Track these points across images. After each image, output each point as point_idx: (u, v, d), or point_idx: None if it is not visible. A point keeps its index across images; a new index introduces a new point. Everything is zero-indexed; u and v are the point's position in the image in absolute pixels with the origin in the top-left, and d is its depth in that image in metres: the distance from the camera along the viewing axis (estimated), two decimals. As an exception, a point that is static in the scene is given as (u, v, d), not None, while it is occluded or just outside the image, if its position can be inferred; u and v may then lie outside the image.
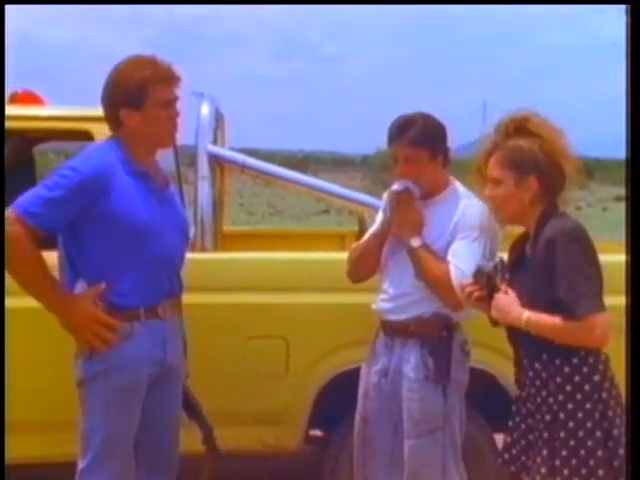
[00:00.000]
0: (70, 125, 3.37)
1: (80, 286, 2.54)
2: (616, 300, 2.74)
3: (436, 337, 2.76)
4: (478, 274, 2.44)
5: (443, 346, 2.75)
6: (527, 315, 2.29)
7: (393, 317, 2.82)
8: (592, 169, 39.51)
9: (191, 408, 2.89)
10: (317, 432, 3.50)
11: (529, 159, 2.35)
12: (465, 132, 2.71)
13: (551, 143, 2.37)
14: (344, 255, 3.01)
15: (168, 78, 2.62)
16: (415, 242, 2.72)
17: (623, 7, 2.84)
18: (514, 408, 2.47)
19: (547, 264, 2.27)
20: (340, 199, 4.03)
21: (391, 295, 2.83)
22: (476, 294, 2.45)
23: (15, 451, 2.87)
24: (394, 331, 2.83)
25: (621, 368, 2.42)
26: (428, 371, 2.74)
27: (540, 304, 2.30)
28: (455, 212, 2.75)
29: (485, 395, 3.08)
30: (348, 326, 3.18)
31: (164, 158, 3.86)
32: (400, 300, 2.80)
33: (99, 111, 3.38)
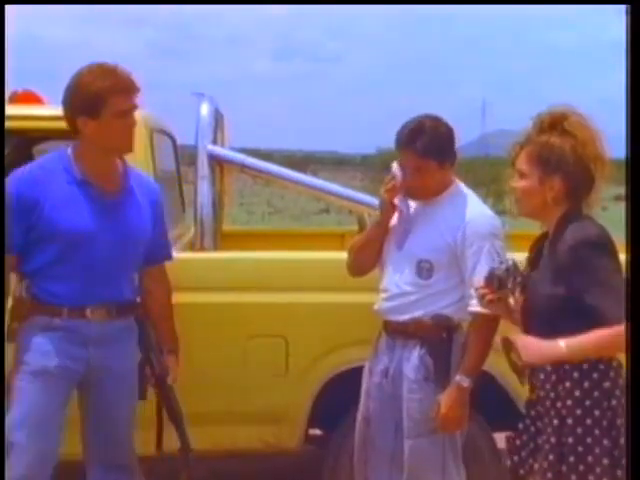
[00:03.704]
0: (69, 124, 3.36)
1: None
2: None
3: (436, 338, 2.75)
4: (490, 277, 2.42)
5: (443, 347, 2.75)
6: (565, 343, 2.18)
7: (394, 317, 2.82)
8: (592, 168, 39.50)
9: (171, 414, 2.91)
10: (317, 431, 3.50)
11: (557, 158, 2.30)
12: (464, 131, 2.71)
13: (584, 145, 2.31)
14: (344, 254, 3.01)
15: (128, 88, 2.69)
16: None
17: (623, 7, 2.83)
18: (525, 410, 2.44)
19: (568, 271, 2.22)
20: (340, 199, 4.04)
21: (391, 294, 2.83)
22: (489, 297, 2.43)
23: None
24: (395, 331, 2.83)
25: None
26: (428, 372, 2.74)
27: (554, 307, 2.26)
28: (460, 214, 2.74)
29: (484, 395, 3.09)
30: (348, 325, 3.18)
31: (165, 158, 3.88)
32: (400, 299, 2.79)
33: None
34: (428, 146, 2.69)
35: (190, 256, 3.46)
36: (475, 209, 2.76)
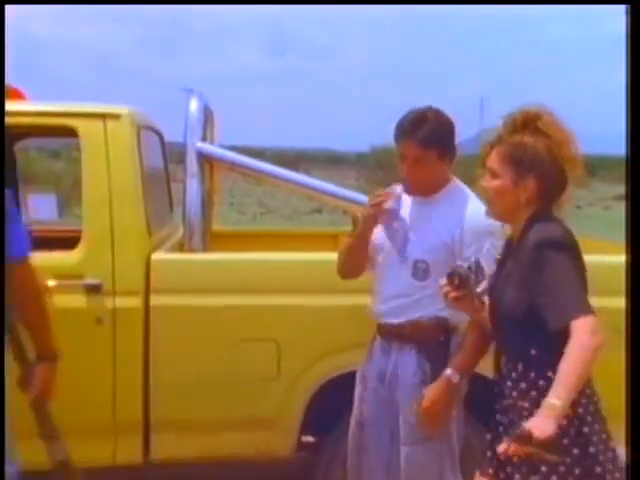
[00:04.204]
0: (53, 121, 3.38)
1: None
2: (616, 302, 2.77)
3: (433, 341, 2.76)
4: (451, 275, 2.45)
5: (440, 351, 2.75)
6: (555, 396, 2.09)
7: (389, 320, 2.83)
8: (594, 166, 39.53)
9: (45, 429, 2.76)
10: (309, 438, 3.51)
11: (530, 159, 2.31)
12: (463, 128, 2.71)
13: (559, 146, 2.32)
14: (337, 256, 3.02)
15: None
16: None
17: (623, 7, 2.86)
18: (497, 418, 2.41)
19: (530, 271, 2.23)
20: (333, 198, 4.04)
21: (386, 296, 2.83)
22: (451, 294, 2.45)
23: None
24: (390, 335, 2.84)
25: (621, 370, 2.43)
26: (425, 376, 2.74)
27: (519, 310, 2.27)
28: (459, 212, 2.75)
29: (478, 396, 3.10)
30: (341, 329, 3.19)
31: (152, 156, 3.88)
32: (396, 302, 2.80)
33: (84, 107, 3.41)
34: (429, 136, 2.70)
35: (178, 257, 3.46)
36: (473, 207, 2.76)
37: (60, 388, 3.12)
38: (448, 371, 2.65)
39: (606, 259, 3.32)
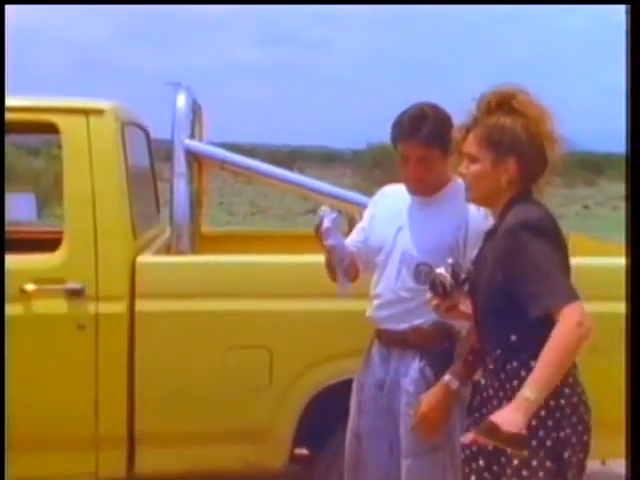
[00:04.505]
0: (33, 117, 3.36)
1: None
2: (621, 307, 2.76)
3: (437, 348, 2.75)
4: (432, 285, 2.43)
5: (445, 358, 2.73)
6: (529, 388, 2.11)
7: (389, 326, 2.81)
8: (601, 165, 39.65)
9: None
10: (303, 451, 3.50)
11: (510, 139, 2.32)
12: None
13: (537, 124, 2.33)
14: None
15: None
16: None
17: (623, 7, 2.86)
18: (481, 412, 2.39)
19: (505, 255, 2.24)
20: (328, 198, 4.04)
21: (386, 300, 2.82)
22: (442, 305, 2.44)
23: None
24: (390, 341, 2.82)
25: (621, 372, 2.45)
26: (429, 385, 2.72)
27: (494, 296, 2.28)
28: (462, 212, 2.72)
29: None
30: (337, 335, 3.18)
31: (137, 153, 3.87)
32: (397, 307, 2.79)
33: (66, 102, 3.39)
34: (433, 133, 2.70)
35: (165, 260, 3.45)
36: (477, 207, 2.75)
37: (40, 398, 3.11)
38: (447, 377, 2.65)
39: (611, 261, 3.32)
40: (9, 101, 3.31)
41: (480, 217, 2.65)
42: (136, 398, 3.18)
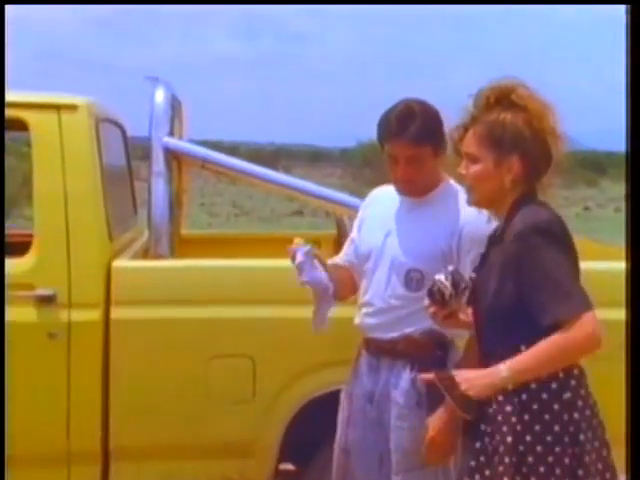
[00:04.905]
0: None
1: None
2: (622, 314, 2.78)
3: (429, 358, 2.75)
4: (431, 293, 2.43)
5: (437, 367, 2.72)
6: (506, 367, 2.20)
7: (379, 335, 2.82)
8: (603, 164, 39.77)
9: None
10: (289, 466, 3.51)
11: (512, 136, 2.31)
12: (455, 121, 2.70)
13: (539, 119, 2.33)
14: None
15: None
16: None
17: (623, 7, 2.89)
18: (481, 428, 2.39)
19: (515, 262, 2.25)
20: (315, 199, 4.05)
21: (376, 309, 2.82)
22: (440, 314, 2.44)
23: None
24: (380, 350, 2.83)
25: (621, 377, 2.47)
26: (420, 396, 2.73)
27: (502, 306, 2.28)
28: (455, 215, 2.74)
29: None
30: (325, 343, 3.17)
31: (113, 151, 3.87)
32: (387, 315, 2.79)
33: (36, 97, 3.39)
34: (422, 131, 2.70)
35: (143, 265, 3.45)
36: (470, 210, 2.74)
37: (8, 411, 3.10)
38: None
39: (611, 266, 3.34)
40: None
41: (475, 221, 2.66)
42: (111, 411, 3.18)
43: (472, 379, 2.23)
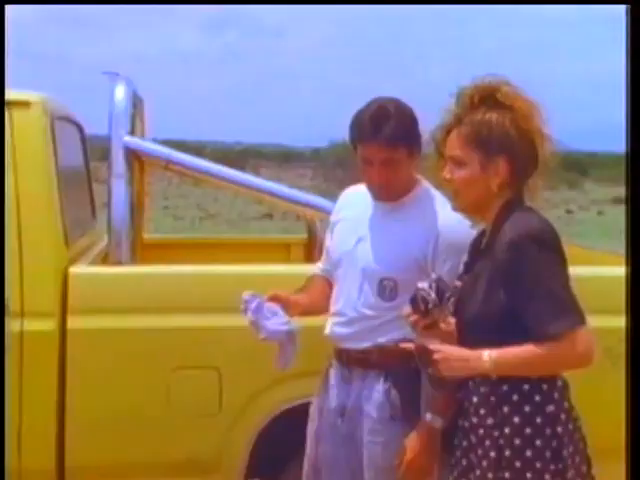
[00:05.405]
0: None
1: None
2: (614, 321, 2.81)
3: (403, 369, 2.73)
4: (414, 301, 2.42)
5: (411, 379, 2.71)
6: (490, 356, 2.24)
7: (350, 345, 2.82)
8: (586, 165, 40.21)
9: None
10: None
11: (499, 137, 2.32)
12: (434, 121, 2.71)
13: (526, 119, 2.34)
14: (290, 268, 3.02)
15: None
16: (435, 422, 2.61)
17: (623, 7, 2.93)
18: (455, 441, 2.44)
19: (506, 271, 2.26)
20: (285, 201, 4.05)
21: (347, 318, 2.82)
22: (421, 324, 2.43)
23: None
24: (352, 361, 2.83)
25: (621, 382, 2.47)
26: (394, 409, 2.74)
27: (490, 317, 2.30)
28: (431, 221, 2.74)
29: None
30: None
31: (70, 152, 3.85)
32: (359, 324, 2.79)
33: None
34: (396, 132, 2.69)
35: (102, 271, 3.44)
36: (446, 216, 2.73)
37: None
38: (428, 416, 2.62)
39: (597, 271, 3.37)
40: None
41: (452, 228, 2.67)
42: (67, 427, 3.15)
43: (452, 360, 2.27)
